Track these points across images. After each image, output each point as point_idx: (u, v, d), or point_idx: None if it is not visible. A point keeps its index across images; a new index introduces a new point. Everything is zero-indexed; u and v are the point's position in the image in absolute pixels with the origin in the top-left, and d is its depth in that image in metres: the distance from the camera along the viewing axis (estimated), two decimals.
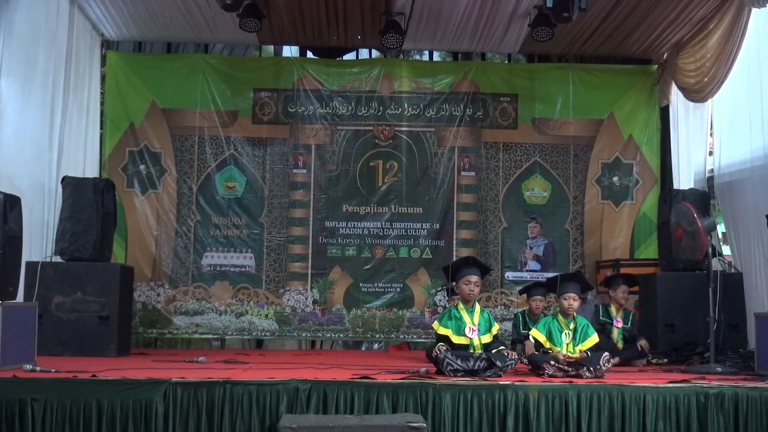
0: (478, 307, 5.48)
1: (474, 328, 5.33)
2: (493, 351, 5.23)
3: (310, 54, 9.25)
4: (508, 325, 7.84)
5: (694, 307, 6.57)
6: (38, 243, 6.96)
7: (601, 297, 7.83)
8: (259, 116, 8.87)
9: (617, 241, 8.84)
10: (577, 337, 5.39)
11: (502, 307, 8.71)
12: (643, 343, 6.65)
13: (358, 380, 4.65)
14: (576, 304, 5.45)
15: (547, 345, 5.39)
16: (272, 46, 9.28)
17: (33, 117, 6.91)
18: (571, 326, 5.43)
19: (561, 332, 5.40)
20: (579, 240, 8.89)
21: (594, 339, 5.41)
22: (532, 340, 6.75)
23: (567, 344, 5.36)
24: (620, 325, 6.81)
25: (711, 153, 8.33)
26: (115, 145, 8.69)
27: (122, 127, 8.69)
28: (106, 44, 8.79)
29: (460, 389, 4.58)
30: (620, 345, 6.74)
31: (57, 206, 7.21)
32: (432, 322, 5.92)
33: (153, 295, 8.56)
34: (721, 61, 7.22)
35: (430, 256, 8.77)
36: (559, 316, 5.50)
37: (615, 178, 8.93)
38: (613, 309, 6.91)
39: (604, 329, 6.77)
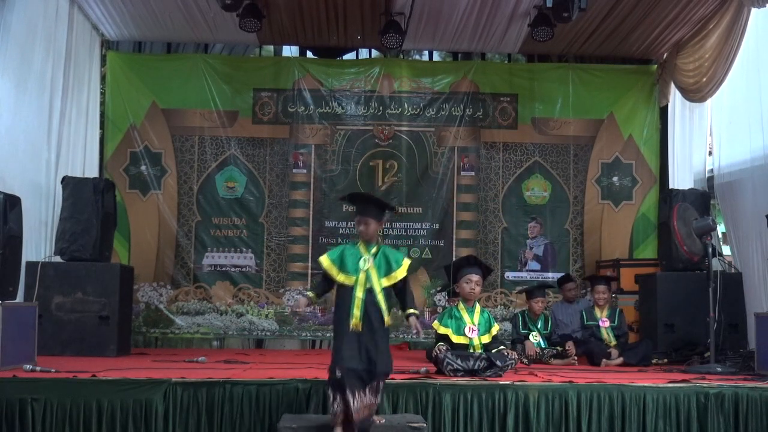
0: (478, 307, 5.49)
1: (474, 328, 5.34)
2: (493, 351, 5.24)
3: (310, 54, 9.26)
4: (508, 325, 7.84)
5: (694, 307, 6.58)
6: (35, 243, 6.95)
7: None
8: (259, 116, 8.87)
9: (617, 241, 8.84)
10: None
11: (502, 307, 8.71)
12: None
13: None
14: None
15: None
16: (272, 46, 9.28)
17: (28, 117, 6.89)
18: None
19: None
20: (579, 240, 8.89)
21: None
22: (533, 340, 6.82)
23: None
24: (607, 324, 6.85)
25: (711, 153, 8.34)
26: (116, 146, 8.69)
27: (123, 127, 8.69)
28: (106, 44, 8.80)
29: (460, 389, 4.59)
30: (613, 342, 6.76)
31: (56, 206, 7.22)
32: (432, 322, 5.93)
33: (155, 296, 8.56)
34: (719, 61, 7.22)
35: (430, 256, 8.77)
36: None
37: (614, 178, 8.94)
38: (597, 310, 6.93)
39: (593, 333, 6.80)
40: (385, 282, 4.11)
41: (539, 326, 7.00)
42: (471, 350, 5.28)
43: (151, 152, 8.73)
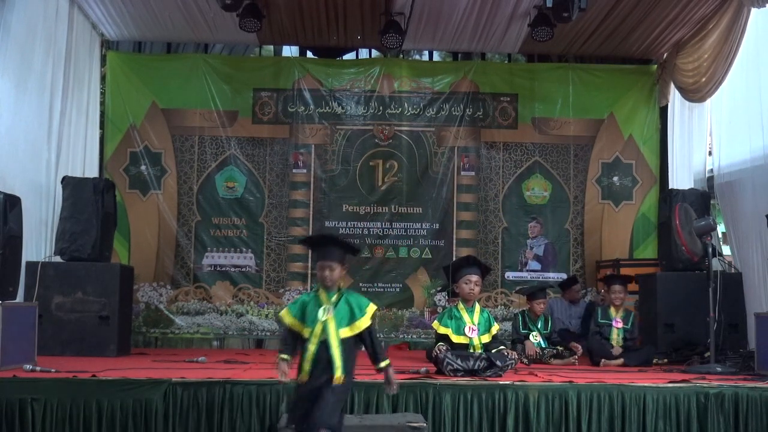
0: (478, 306, 5.49)
1: (474, 328, 5.34)
2: (493, 351, 5.24)
3: (310, 54, 9.26)
4: (508, 325, 7.85)
5: (694, 307, 6.57)
6: (35, 243, 6.95)
7: (603, 297, 7.84)
8: (259, 116, 8.87)
9: (617, 241, 8.83)
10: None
11: (502, 307, 8.71)
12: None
13: (358, 380, 4.65)
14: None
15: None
16: (272, 46, 9.29)
17: (28, 117, 6.89)
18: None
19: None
20: (579, 240, 8.89)
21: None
22: (533, 340, 6.82)
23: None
24: (620, 325, 6.75)
25: (710, 153, 8.34)
26: (116, 146, 8.69)
27: (123, 127, 8.69)
28: (106, 44, 8.80)
29: (460, 389, 4.59)
30: (620, 344, 6.74)
31: (56, 206, 7.22)
32: (432, 322, 5.93)
33: (155, 296, 8.56)
34: (719, 61, 7.22)
35: (430, 256, 8.77)
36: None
37: (615, 178, 8.93)
38: (612, 310, 6.89)
39: (601, 332, 6.78)
40: (346, 332, 3.70)
41: (539, 326, 6.99)
42: (471, 350, 5.28)
43: (151, 152, 8.73)
